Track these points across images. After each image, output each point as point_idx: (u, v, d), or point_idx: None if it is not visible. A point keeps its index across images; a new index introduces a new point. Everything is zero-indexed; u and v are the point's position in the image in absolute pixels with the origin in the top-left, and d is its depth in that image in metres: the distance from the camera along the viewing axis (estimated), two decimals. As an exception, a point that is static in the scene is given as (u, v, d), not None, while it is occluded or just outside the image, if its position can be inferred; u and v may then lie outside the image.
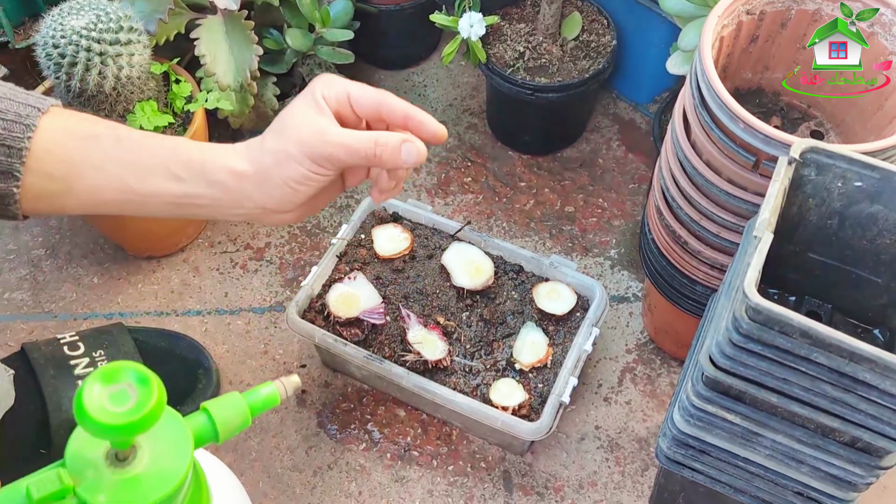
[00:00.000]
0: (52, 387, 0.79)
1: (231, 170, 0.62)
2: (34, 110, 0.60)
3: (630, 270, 0.97)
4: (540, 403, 0.77)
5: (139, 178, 0.61)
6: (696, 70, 0.61)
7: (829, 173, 0.55)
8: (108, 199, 0.62)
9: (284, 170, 0.61)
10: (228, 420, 0.49)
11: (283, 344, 0.92)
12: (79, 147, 0.61)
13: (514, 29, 0.99)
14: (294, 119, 0.61)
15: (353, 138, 0.61)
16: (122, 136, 0.62)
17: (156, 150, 0.62)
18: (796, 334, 0.48)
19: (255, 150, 0.62)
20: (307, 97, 0.62)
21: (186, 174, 0.62)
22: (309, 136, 0.60)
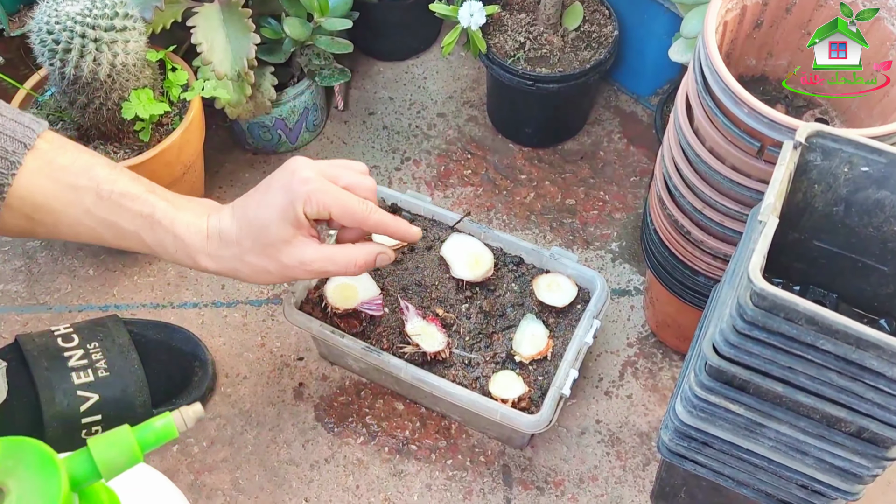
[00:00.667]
0: (45, 379, 0.78)
1: (201, 268, 0.65)
2: (21, 146, 0.60)
3: (631, 263, 0.96)
4: (540, 396, 0.76)
5: (114, 237, 0.64)
6: (699, 54, 0.60)
7: (835, 158, 0.54)
8: (81, 240, 0.66)
9: (257, 277, 0.65)
10: (112, 460, 0.48)
11: (280, 337, 0.91)
12: (58, 197, 0.62)
13: (514, 19, 0.98)
14: (272, 236, 0.63)
15: (332, 263, 0.65)
16: (103, 193, 0.62)
17: (133, 218, 0.63)
18: (802, 321, 0.47)
19: (228, 248, 0.64)
20: (287, 212, 0.62)
21: (159, 250, 0.65)
22: (289, 261, 0.63)
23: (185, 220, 0.64)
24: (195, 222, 0.64)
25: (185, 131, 0.84)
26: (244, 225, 0.63)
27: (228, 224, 0.64)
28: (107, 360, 0.81)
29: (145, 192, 0.64)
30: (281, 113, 0.99)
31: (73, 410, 0.78)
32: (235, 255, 0.64)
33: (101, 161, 0.64)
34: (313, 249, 0.64)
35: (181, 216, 0.64)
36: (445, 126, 1.08)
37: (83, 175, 0.62)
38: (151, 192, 0.64)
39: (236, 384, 0.88)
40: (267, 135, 1.02)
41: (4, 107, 0.62)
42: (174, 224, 0.63)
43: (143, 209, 0.63)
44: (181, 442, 0.84)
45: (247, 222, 0.63)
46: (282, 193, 0.62)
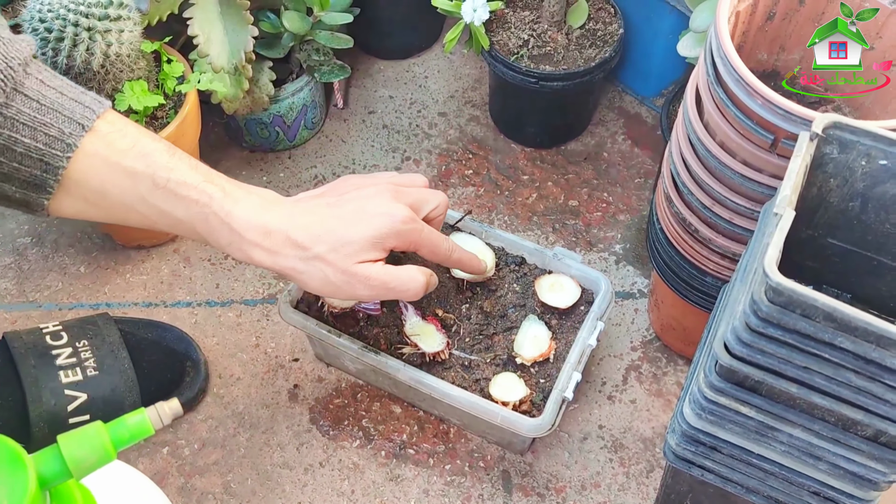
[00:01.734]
0: (32, 377, 0.76)
1: (253, 262, 0.64)
2: (79, 128, 0.59)
3: (636, 266, 0.94)
4: (542, 399, 0.74)
5: (168, 224, 0.63)
6: (711, 45, 0.58)
7: (852, 151, 0.51)
8: (133, 223, 0.64)
9: (312, 281, 0.64)
10: (83, 458, 0.46)
11: (274, 337, 0.89)
12: (114, 183, 0.60)
13: (518, 16, 0.96)
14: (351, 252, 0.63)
15: (395, 279, 0.66)
16: (159, 181, 0.60)
17: (188, 207, 0.61)
18: (820, 317, 0.45)
19: (294, 249, 0.63)
20: (379, 241, 0.64)
21: (212, 240, 0.63)
22: (356, 271, 0.63)
23: (244, 214, 0.62)
24: (255, 217, 0.62)
25: (180, 125, 0.82)
26: (324, 233, 0.63)
27: (304, 227, 0.63)
28: (96, 359, 0.79)
29: (203, 181, 0.62)
30: (279, 109, 0.97)
31: (61, 410, 0.76)
32: (299, 256, 0.63)
33: (162, 146, 0.62)
34: (380, 266, 0.65)
35: (238, 209, 0.62)
36: (447, 125, 1.06)
37: (141, 161, 0.60)
38: (210, 181, 0.62)
39: (229, 385, 0.85)
40: (264, 132, 1.00)
41: (68, 86, 0.60)
42: (231, 217, 0.62)
43: (200, 198, 0.61)
44: (171, 444, 0.82)
45: (328, 231, 0.63)
46: (382, 221, 0.64)
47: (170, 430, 0.82)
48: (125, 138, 0.61)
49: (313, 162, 1.03)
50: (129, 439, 0.47)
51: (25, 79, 0.58)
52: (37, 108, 0.58)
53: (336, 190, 0.68)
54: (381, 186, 0.67)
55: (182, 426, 0.83)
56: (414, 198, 0.68)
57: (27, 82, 0.58)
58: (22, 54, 0.58)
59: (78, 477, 0.46)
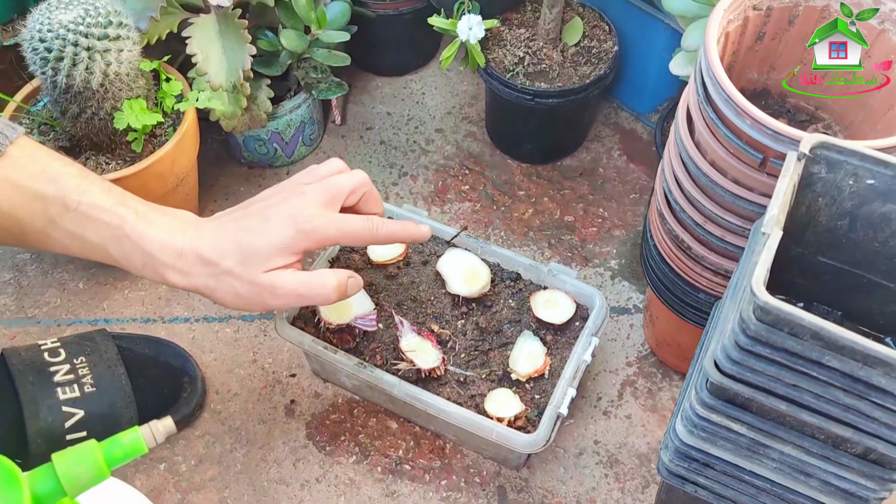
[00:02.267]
0: (30, 394, 0.76)
1: (168, 283, 0.63)
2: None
3: (631, 281, 0.94)
4: (537, 415, 0.74)
5: (80, 248, 0.62)
6: (701, 65, 0.59)
7: (840, 170, 0.52)
8: (48, 250, 0.64)
9: (224, 297, 0.63)
10: (77, 476, 0.46)
11: (272, 353, 0.89)
12: (23, 206, 0.60)
13: (513, 34, 0.97)
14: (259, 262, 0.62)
15: (304, 286, 0.64)
16: (70, 203, 0.60)
17: (100, 230, 0.61)
18: (807, 336, 0.45)
19: (205, 267, 0.62)
20: (288, 246, 0.62)
21: (125, 263, 0.63)
22: (263, 282, 0.62)
23: (157, 236, 0.62)
24: (167, 239, 0.62)
25: (178, 142, 0.83)
26: (230, 246, 0.62)
27: (210, 243, 0.62)
28: (94, 376, 0.79)
29: (115, 203, 0.62)
30: (277, 126, 0.98)
31: (58, 426, 0.76)
32: (209, 273, 0.62)
33: (73, 170, 0.62)
34: (288, 274, 0.63)
35: (152, 232, 0.62)
36: (443, 141, 1.07)
37: (51, 185, 0.60)
38: (122, 203, 0.62)
39: (226, 401, 0.86)
40: (262, 148, 1.01)
41: None
42: (144, 239, 0.61)
43: (112, 221, 0.61)
44: (168, 460, 0.82)
45: (234, 244, 0.62)
46: (286, 228, 0.63)
47: (166, 447, 0.83)
48: (35, 163, 0.61)
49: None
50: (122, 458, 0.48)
51: None
52: None
53: (246, 204, 0.67)
54: (288, 191, 0.66)
55: (179, 442, 0.83)
56: (324, 191, 0.65)
57: None
58: None
59: (72, 495, 0.47)
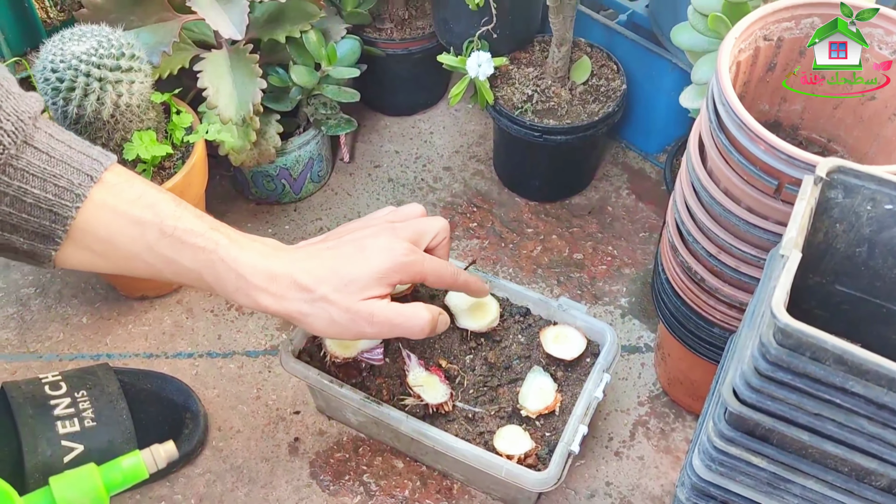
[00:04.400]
0: (29, 427, 0.75)
1: (260, 307, 0.63)
2: (87, 179, 0.60)
3: (641, 320, 0.93)
4: (547, 453, 0.72)
5: (174, 273, 0.63)
6: (713, 93, 0.59)
7: (857, 195, 0.51)
8: (139, 274, 0.63)
9: (318, 323, 0.64)
10: (75, 501, 0.44)
11: (276, 389, 0.88)
12: (122, 232, 0.61)
13: (522, 72, 0.98)
14: (355, 290, 0.63)
15: (399, 315, 0.65)
16: (166, 229, 0.61)
17: (195, 255, 0.61)
18: (830, 360, 0.44)
19: (299, 293, 0.63)
20: (384, 277, 0.64)
21: (218, 287, 0.63)
22: (360, 309, 0.63)
23: (250, 260, 0.62)
24: (261, 263, 0.63)
25: (186, 175, 0.83)
26: (327, 273, 0.63)
27: (307, 269, 0.63)
28: (94, 410, 0.77)
29: (209, 228, 0.63)
30: (285, 162, 0.98)
31: (57, 461, 0.74)
32: (304, 299, 0.63)
33: (168, 197, 0.63)
34: (384, 303, 0.65)
35: (245, 255, 0.62)
36: (451, 179, 1.07)
37: (148, 210, 0.61)
38: (215, 229, 0.63)
39: (229, 438, 0.84)
40: (270, 184, 1.01)
41: (76, 140, 0.61)
42: (237, 263, 0.62)
43: (206, 245, 0.61)
44: (168, 499, 0.80)
45: (331, 271, 0.63)
46: (384, 258, 0.64)
47: (166, 485, 0.81)
48: (132, 189, 0.62)
49: (318, 215, 1.04)
50: (122, 482, 0.46)
51: (35, 132, 0.59)
52: (46, 160, 0.59)
53: (336, 234, 0.69)
54: (377, 227, 0.68)
55: (179, 480, 0.81)
56: (413, 230, 0.68)
57: (37, 136, 0.59)
58: (32, 109, 0.59)
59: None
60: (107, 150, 0.62)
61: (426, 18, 1.07)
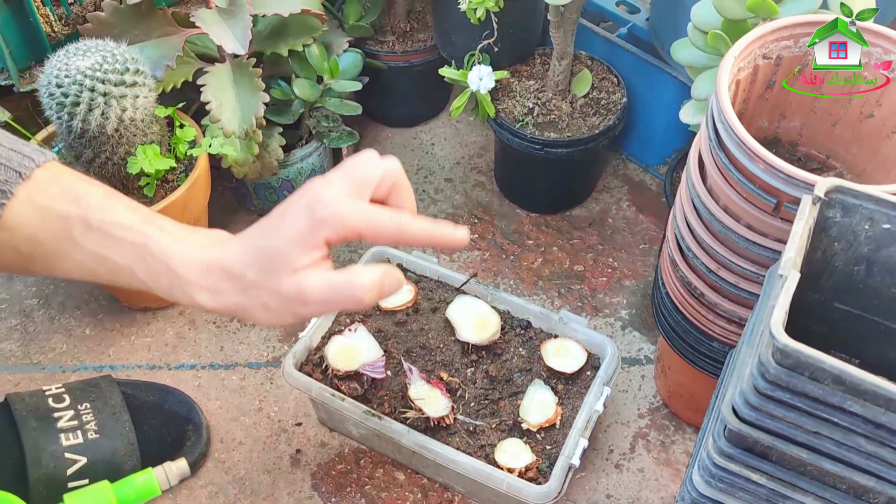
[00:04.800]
0: (33, 440, 0.75)
1: (198, 305, 0.57)
2: (15, 175, 0.56)
3: (642, 332, 0.93)
4: (548, 466, 0.73)
5: (107, 271, 0.58)
6: (712, 111, 0.59)
7: (855, 215, 0.52)
8: (75, 276, 0.59)
9: (256, 313, 0.57)
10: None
11: (278, 401, 0.88)
12: (46, 227, 0.57)
13: (523, 85, 0.99)
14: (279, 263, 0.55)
15: (332, 289, 0.55)
16: (93, 222, 0.56)
17: (124, 250, 0.57)
18: (828, 380, 0.44)
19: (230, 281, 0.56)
20: (306, 239, 0.55)
21: (154, 285, 0.58)
22: (288, 290, 0.55)
23: (184, 252, 0.57)
24: (194, 255, 0.57)
25: (190, 188, 0.83)
26: (252, 253, 0.56)
27: (234, 255, 0.56)
28: (97, 422, 0.78)
29: (140, 221, 0.57)
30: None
31: (60, 473, 0.74)
32: (237, 289, 0.56)
33: (98, 190, 0.58)
34: (315, 276, 0.55)
35: (179, 248, 0.57)
36: (452, 191, 1.08)
37: (73, 204, 0.56)
38: (148, 221, 0.58)
39: (231, 450, 0.84)
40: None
41: (8, 138, 0.58)
42: (169, 256, 0.56)
43: (136, 240, 0.56)
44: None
45: (255, 250, 0.56)
46: (302, 217, 0.55)
47: (169, 496, 0.81)
48: (58, 184, 0.58)
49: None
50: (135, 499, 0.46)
51: None
52: None
53: (284, 202, 0.59)
54: (313, 182, 0.58)
55: (181, 492, 0.81)
56: (346, 178, 0.57)
57: None
58: None
59: None
60: (44, 149, 0.59)
61: (427, 31, 1.08)
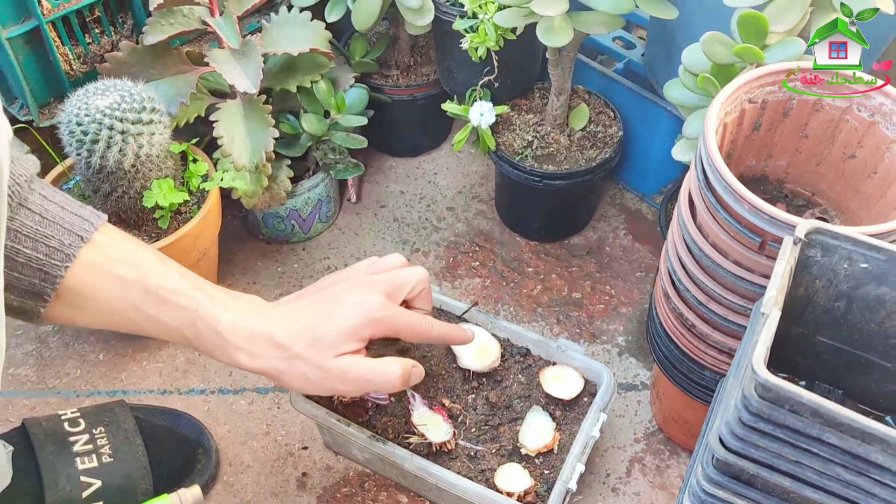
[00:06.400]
0: (50, 464, 0.78)
1: (238, 365, 0.65)
2: (78, 239, 0.62)
3: (638, 358, 0.96)
4: (546, 490, 0.76)
5: (155, 330, 0.65)
6: (700, 154, 0.63)
7: (834, 254, 0.55)
8: (122, 330, 0.66)
9: (292, 380, 0.66)
10: None
11: (285, 425, 0.91)
12: (107, 291, 0.63)
13: (522, 119, 1.02)
14: (328, 346, 0.65)
15: (371, 372, 0.66)
16: (150, 288, 0.63)
17: (177, 313, 0.63)
18: (807, 413, 0.47)
19: (275, 350, 0.64)
20: (356, 332, 0.66)
21: (198, 344, 0.65)
22: (332, 367, 0.65)
23: (230, 319, 0.64)
24: (240, 322, 0.64)
25: (202, 220, 0.87)
26: (301, 331, 0.65)
27: (283, 327, 0.65)
28: (111, 446, 0.80)
29: (192, 288, 0.64)
30: (295, 204, 1.02)
31: (76, 496, 0.77)
32: (280, 357, 0.64)
33: (154, 256, 0.65)
34: (356, 360, 0.66)
35: (225, 315, 0.64)
36: (454, 219, 1.11)
37: (133, 269, 0.63)
38: (198, 288, 0.65)
39: (239, 473, 0.87)
40: (280, 225, 1.04)
41: (69, 201, 0.64)
42: (218, 322, 0.64)
43: (188, 304, 0.63)
44: (181, 532, 0.83)
45: (305, 329, 0.65)
46: (356, 313, 0.66)
47: (179, 518, 0.83)
48: (119, 249, 0.64)
49: (326, 253, 1.08)
50: None
51: (30, 194, 0.62)
52: (39, 220, 0.61)
53: (315, 288, 0.71)
54: (356, 279, 0.69)
55: (192, 514, 0.84)
56: (389, 282, 0.70)
57: (31, 197, 0.62)
58: (28, 172, 0.61)
59: None
60: (98, 210, 0.65)
61: (431, 65, 1.11)
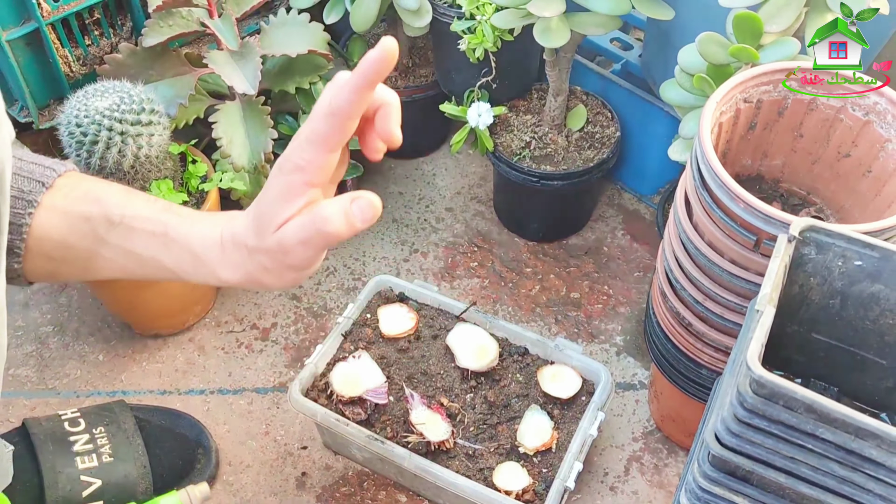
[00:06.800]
0: (50, 463, 0.78)
1: (224, 282, 0.57)
2: (39, 185, 0.59)
3: (636, 357, 0.97)
4: (544, 488, 0.76)
5: (137, 265, 0.59)
6: (696, 153, 0.63)
7: (829, 252, 0.55)
8: (106, 274, 0.61)
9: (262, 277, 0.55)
10: None
11: (284, 425, 0.91)
12: (72, 230, 0.59)
13: (520, 120, 1.03)
14: (265, 221, 0.53)
15: (302, 229, 0.52)
16: (114, 218, 0.58)
17: (147, 240, 0.58)
18: (801, 409, 0.48)
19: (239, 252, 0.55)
20: (283, 190, 0.52)
21: (181, 272, 0.58)
22: (270, 244, 0.53)
23: (200, 232, 0.56)
24: (209, 233, 0.56)
25: (201, 221, 0.87)
26: (250, 220, 0.54)
27: (240, 225, 0.55)
28: (111, 446, 0.81)
29: (159, 211, 0.58)
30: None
31: (76, 495, 0.77)
32: (245, 258, 0.55)
33: (116, 189, 0.60)
34: (291, 223, 0.52)
35: (196, 230, 0.57)
36: (453, 220, 1.11)
37: (95, 204, 0.58)
38: (166, 210, 0.59)
39: (238, 472, 0.87)
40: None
41: (26, 153, 0.61)
42: (189, 239, 0.57)
43: (156, 229, 0.57)
44: (181, 531, 0.83)
45: (252, 217, 0.55)
46: (274, 175, 0.54)
47: (179, 518, 0.84)
48: (79, 188, 0.60)
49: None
50: None
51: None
52: None
53: None
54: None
55: (191, 513, 0.84)
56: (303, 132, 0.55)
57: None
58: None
59: None
60: (64, 162, 0.61)
61: (429, 67, 1.12)
